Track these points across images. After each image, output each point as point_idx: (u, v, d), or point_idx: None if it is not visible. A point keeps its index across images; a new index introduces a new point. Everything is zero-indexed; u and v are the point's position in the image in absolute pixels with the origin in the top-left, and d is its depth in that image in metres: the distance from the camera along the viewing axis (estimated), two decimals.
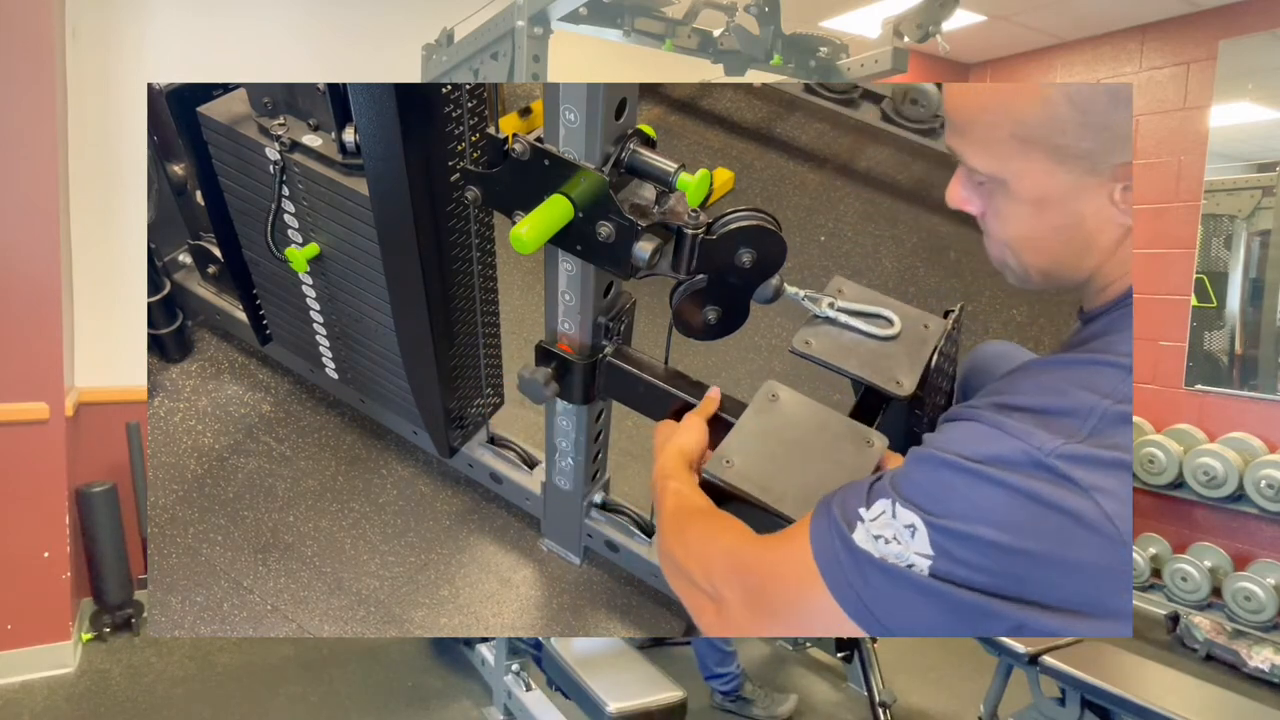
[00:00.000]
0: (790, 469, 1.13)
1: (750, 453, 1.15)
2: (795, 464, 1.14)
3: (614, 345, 1.64)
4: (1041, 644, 2.36)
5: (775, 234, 1.33)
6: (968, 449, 0.73)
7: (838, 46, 2.82)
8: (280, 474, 2.31)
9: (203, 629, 2.01)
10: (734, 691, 2.75)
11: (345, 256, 1.98)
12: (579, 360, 1.63)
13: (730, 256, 1.35)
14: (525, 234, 1.33)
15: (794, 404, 1.23)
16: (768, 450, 1.16)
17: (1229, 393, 3.60)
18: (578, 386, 1.65)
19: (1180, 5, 3.68)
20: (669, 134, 3.65)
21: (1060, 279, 0.86)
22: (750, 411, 1.22)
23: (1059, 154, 0.74)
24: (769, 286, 1.39)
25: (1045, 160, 0.75)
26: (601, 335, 1.63)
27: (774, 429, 1.19)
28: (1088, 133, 0.72)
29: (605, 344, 1.63)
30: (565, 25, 2.36)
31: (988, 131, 0.78)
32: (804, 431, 1.19)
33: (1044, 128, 0.74)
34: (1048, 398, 0.73)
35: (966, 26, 4.02)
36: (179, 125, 2.01)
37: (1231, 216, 3.61)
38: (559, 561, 2.24)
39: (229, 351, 2.59)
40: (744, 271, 1.36)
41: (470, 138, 1.71)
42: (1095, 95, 0.70)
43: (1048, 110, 0.73)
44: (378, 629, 2.05)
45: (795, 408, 1.23)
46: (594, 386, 1.67)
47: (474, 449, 2.27)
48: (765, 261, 1.35)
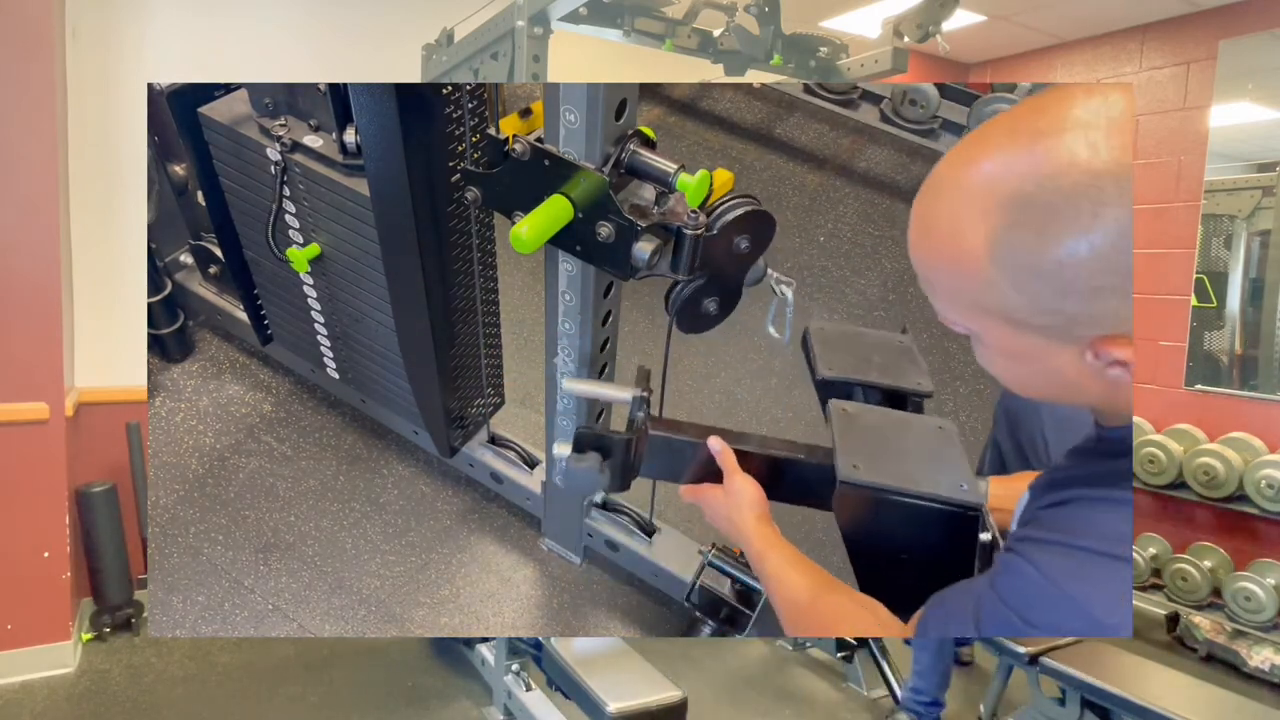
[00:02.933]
0: (905, 459, 1.21)
1: (866, 454, 1.21)
2: (904, 455, 1.22)
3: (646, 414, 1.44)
4: (1041, 644, 2.36)
5: (767, 214, 1.36)
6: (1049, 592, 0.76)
7: (838, 46, 2.83)
8: (281, 474, 2.32)
9: (203, 629, 2.02)
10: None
11: (346, 257, 1.98)
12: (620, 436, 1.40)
13: (730, 248, 1.37)
14: (525, 234, 1.33)
15: (866, 412, 1.32)
16: (878, 449, 1.23)
17: (1229, 393, 3.60)
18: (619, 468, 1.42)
19: (1180, 5, 3.68)
20: (669, 134, 3.66)
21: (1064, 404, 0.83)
22: (838, 425, 1.28)
23: (1017, 324, 0.71)
24: (757, 268, 1.41)
25: (1005, 326, 0.72)
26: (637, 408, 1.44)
27: (867, 432, 1.27)
28: (1041, 315, 0.68)
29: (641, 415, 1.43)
30: (565, 25, 2.36)
31: (948, 296, 0.75)
32: (890, 429, 1.28)
33: (996, 305, 0.71)
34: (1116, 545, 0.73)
35: (966, 26, 4.02)
36: (179, 125, 2.01)
37: (1231, 216, 3.61)
38: (559, 561, 2.24)
39: (230, 351, 2.59)
40: (742, 257, 1.38)
41: (470, 138, 1.71)
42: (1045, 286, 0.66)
43: (997, 293, 0.69)
44: (378, 628, 2.05)
45: (869, 414, 1.31)
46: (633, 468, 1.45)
47: (474, 449, 2.27)
48: (756, 244, 1.37)
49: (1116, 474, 0.77)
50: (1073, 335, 0.68)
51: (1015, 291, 0.68)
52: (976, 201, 0.67)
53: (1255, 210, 3.53)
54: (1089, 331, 0.68)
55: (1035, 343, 0.71)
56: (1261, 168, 3.53)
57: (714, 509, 1.28)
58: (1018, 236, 0.65)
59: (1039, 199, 0.63)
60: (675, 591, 2.09)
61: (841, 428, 1.27)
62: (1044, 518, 0.81)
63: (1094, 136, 0.62)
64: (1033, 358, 0.73)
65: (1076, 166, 0.62)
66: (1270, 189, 3.48)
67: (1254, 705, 2.23)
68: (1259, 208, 3.52)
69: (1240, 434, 3.48)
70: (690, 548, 2.10)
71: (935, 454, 1.22)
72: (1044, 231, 0.63)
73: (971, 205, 0.67)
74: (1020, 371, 0.77)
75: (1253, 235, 3.55)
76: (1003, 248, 0.66)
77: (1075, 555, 0.75)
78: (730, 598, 1.94)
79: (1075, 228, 0.62)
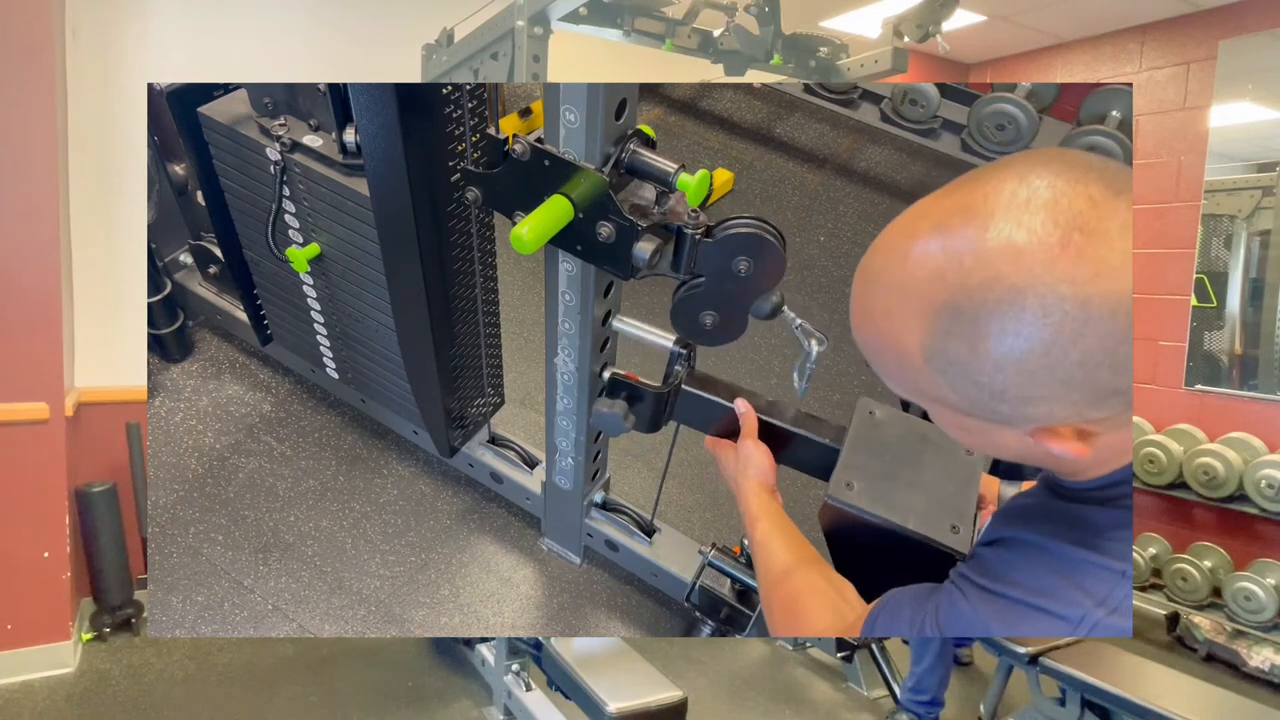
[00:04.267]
0: (908, 485, 1.17)
1: (868, 473, 1.18)
2: (911, 480, 1.18)
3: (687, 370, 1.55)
4: (1041, 644, 2.36)
5: (773, 246, 1.31)
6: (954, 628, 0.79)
7: (838, 46, 2.83)
8: (281, 474, 2.31)
9: (203, 629, 2.01)
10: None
11: (346, 257, 1.98)
12: (652, 390, 1.52)
13: (727, 262, 1.34)
14: (525, 234, 1.33)
15: (892, 419, 1.27)
16: (883, 469, 1.19)
17: (1229, 393, 3.60)
18: (648, 415, 1.55)
19: (1180, 5, 3.68)
20: (669, 134, 3.66)
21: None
22: (855, 431, 1.26)
23: (957, 410, 0.70)
24: (768, 302, 1.37)
25: (947, 411, 0.72)
26: (674, 362, 1.55)
27: (881, 447, 1.23)
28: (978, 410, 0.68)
29: (678, 369, 1.54)
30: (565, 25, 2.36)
31: (892, 379, 0.74)
32: (910, 446, 1.23)
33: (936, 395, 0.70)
34: (1040, 598, 0.72)
35: (966, 26, 4.02)
36: (179, 125, 2.01)
37: (1231, 216, 3.61)
38: (559, 561, 2.24)
39: (230, 351, 2.59)
40: (740, 280, 1.34)
41: (470, 138, 1.71)
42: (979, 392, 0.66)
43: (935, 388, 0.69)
44: (378, 628, 2.05)
45: (895, 423, 1.26)
46: (664, 414, 1.57)
47: (474, 449, 2.27)
48: (762, 272, 1.33)
49: (1063, 519, 0.75)
50: (1013, 426, 0.68)
51: (952, 391, 0.68)
52: (910, 304, 0.66)
53: (1255, 210, 3.53)
54: (1025, 426, 0.68)
55: (978, 425, 0.71)
56: (1261, 168, 3.53)
57: (726, 467, 1.35)
58: (950, 345, 0.64)
59: (967, 312, 0.62)
60: (675, 591, 2.09)
61: (857, 436, 1.24)
62: (984, 556, 0.81)
63: (1019, 243, 0.59)
64: (979, 434, 0.73)
65: (1000, 282, 0.60)
66: (1270, 189, 3.48)
67: (1254, 705, 2.23)
68: (1259, 208, 3.52)
69: (1240, 434, 3.48)
70: (690, 548, 2.10)
71: (944, 484, 1.17)
72: (973, 344, 0.63)
73: (905, 306, 0.66)
74: (969, 441, 0.77)
75: (1253, 235, 3.55)
76: (936, 355, 0.66)
77: (999, 602, 0.75)
78: (730, 598, 1.94)
79: (1001, 343, 0.61)
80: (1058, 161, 0.62)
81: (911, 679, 2.66)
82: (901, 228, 0.68)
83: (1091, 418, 0.65)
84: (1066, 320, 0.59)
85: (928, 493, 1.15)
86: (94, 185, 3.06)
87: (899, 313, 0.67)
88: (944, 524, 1.11)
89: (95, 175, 3.06)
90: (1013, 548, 0.78)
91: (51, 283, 2.70)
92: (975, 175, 0.65)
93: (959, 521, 1.12)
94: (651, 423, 1.55)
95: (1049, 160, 0.62)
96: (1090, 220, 0.58)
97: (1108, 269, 0.58)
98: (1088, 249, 0.58)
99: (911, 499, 1.14)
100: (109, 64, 3.04)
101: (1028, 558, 0.76)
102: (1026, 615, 0.72)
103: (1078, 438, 0.67)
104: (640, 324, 1.64)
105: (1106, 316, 0.58)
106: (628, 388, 1.52)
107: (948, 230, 0.63)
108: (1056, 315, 0.59)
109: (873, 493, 1.15)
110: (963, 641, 3.17)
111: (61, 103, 2.85)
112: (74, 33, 2.97)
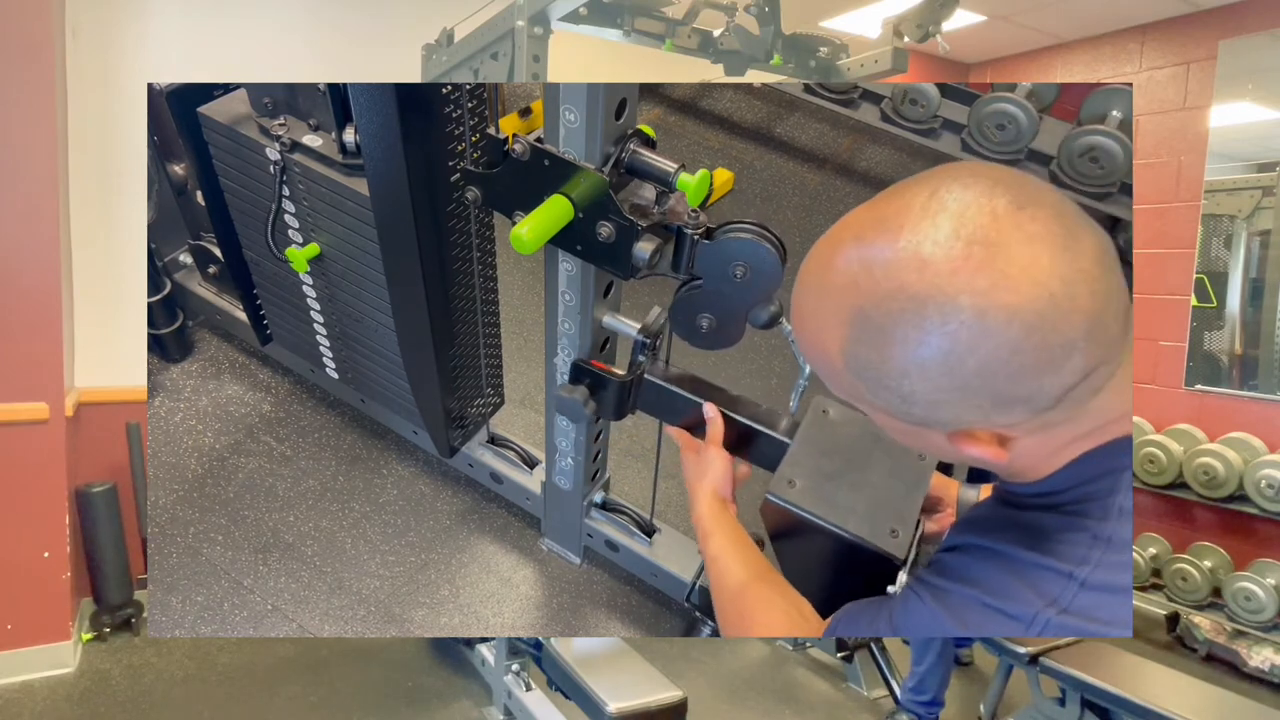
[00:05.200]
0: (851, 486, 1.15)
1: (811, 472, 1.16)
2: (855, 481, 1.16)
3: (651, 360, 1.59)
4: (1041, 644, 2.36)
5: (770, 253, 1.30)
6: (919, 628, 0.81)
7: (838, 46, 2.83)
8: (281, 474, 2.31)
9: (203, 629, 2.01)
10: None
11: (345, 257, 1.98)
12: (616, 378, 1.57)
13: (724, 265, 1.33)
14: (525, 234, 1.33)
15: (846, 419, 1.25)
16: (828, 468, 1.17)
17: (1229, 393, 3.60)
18: (612, 403, 1.60)
19: (1180, 5, 3.68)
20: (669, 134, 3.65)
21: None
22: (805, 429, 1.24)
23: (883, 412, 0.73)
24: (765, 311, 1.36)
25: (876, 412, 0.74)
26: (640, 351, 1.58)
27: (830, 446, 1.21)
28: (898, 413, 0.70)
29: (642, 359, 1.57)
30: (565, 25, 2.36)
31: (826, 380, 0.76)
32: (859, 447, 1.21)
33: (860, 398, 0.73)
34: (992, 597, 0.74)
35: (966, 26, 4.02)
36: (179, 125, 2.01)
37: (1231, 216, 3.61)
38: (559, 561, 2.24)
39: (229, 351, 2.59)
40: (736, 285, 1.34)
41: (470, 138, 1.71)
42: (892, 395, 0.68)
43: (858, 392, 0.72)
44: (378, 629, 2.05)
45: (848, 423, 1.25)
46: (628, 403, 1.62)
47: (474, 449, 2.27)
48: (758, 280, 1.32)
49: (1013, 525, 0.77)
50: (929, 427, 0.71)
51: (869, 394, 0.70)
52: (830, 309, 0.69)
53: (1255, 210, 3.53)
54: (942, 429, 0.70)
55: (906, 428, 0.74)
56: (1261, 168, 3.53)
57: (686, 468, 1.36)
58: (861, 350, 0.67)
59: (875, 318, 0.65)
60: (675, 591, 2.09)
61: (807, 434, 1.22)
62: (942, 561, 0.84)
63: (925, 254, 0.62)
64: (910, 435, 0.76)
65: (904, 291, 0.63)
66: (1270, 189, 3.48)
67: (1254, 705, 2.23)
68: (1259, 208, 3.52)
69: (1240, 434, 3.48)
70: (690, 548, 2.10)
71: (890, 487, 1.15)
72: (881, 349, 0.66)
73: (826, 311, 0.69)
74: (906, 441, 0.80)
75: (1253, 235, 3.55)
76: (852, 359, 0.69)
77: (953, 600, 0.77)
78: None
79: (905, 349, 0.64)
80: (968, 176, 0.65)
81: (912, 679, 2.66)
82: (829, 237, 0.71)
83: (999, 424, 0.68)
84: (963, 329, 0.62)
85: (871, 495, 1.14)
86: (94, 185, 3.06)
87: (822, 317, 0.70)
88: (884, 527, 1.10)
89: (95, 175, 3.06)
90: (969, 552, 0.81)
91: (51, 283, 2.70)
92: (896, 188, 0.68)
93: (899, 525, 1.11)
94: (616, 411, 1.60)
95: (960, 174, 0.65)
96: (991, 233, 0.61)
97: (1006, 281, 0.60)
98: (987, 261, 0.61)
99: (854, 500, 1.13)
100: (109, 64, 3.04)
101: (983, 560, 0.78)
102: (980, 613, 0.75)
103: (995, 442, 0.71)
104: (612, 314, 1.67)
105: (1002, 326, 0.61)
106: (591, 375, 1.58)
107: (864, 241, 0.66)
108: (954, 324, 0.62)
109: (815, 492, 1.14)
110: (963, 642, 3.17)
111: (61, 103, 2.85)
112: (74, 33, 2.97)
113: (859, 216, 0.69)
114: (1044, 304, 0.60)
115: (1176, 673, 2.34)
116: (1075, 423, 0.70)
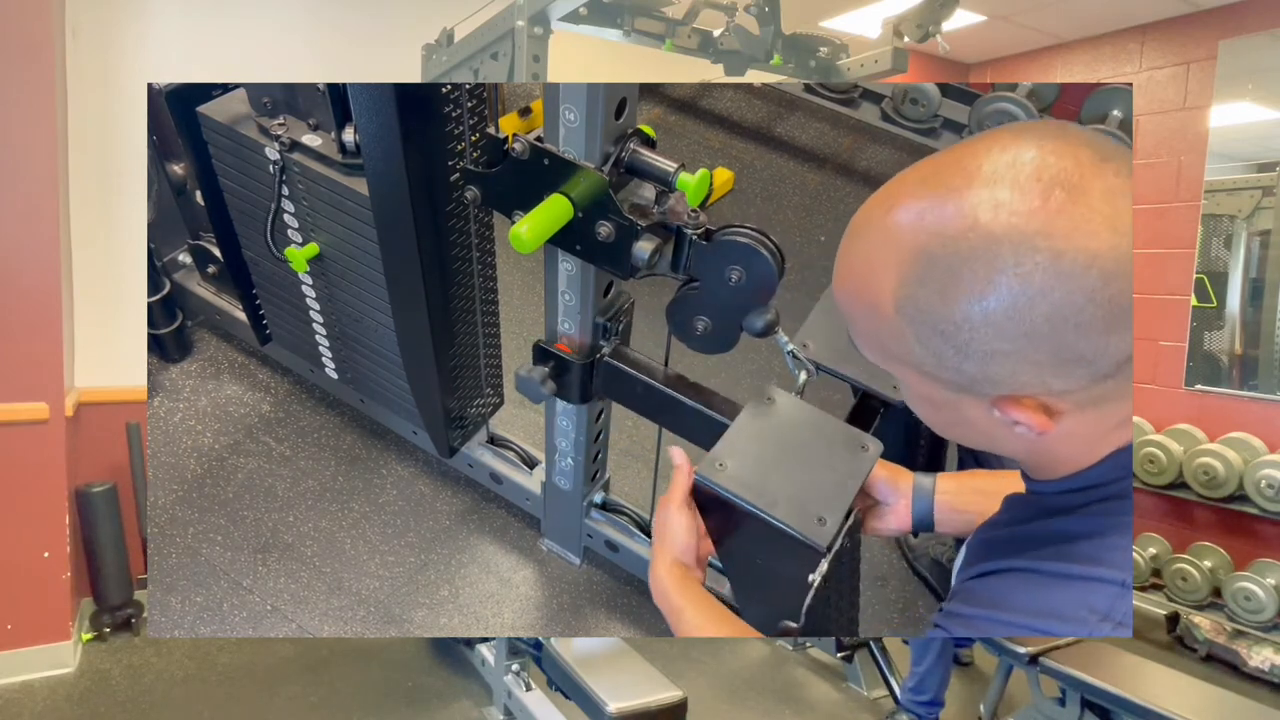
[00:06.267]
0: (784, 473, 1.12)
1: (744, 456, 1.13)
2: (789, 468, 1.13)
3: (612, 345, 1.63)
4: (1041, 644, 2.36)
5: (766, 260, 1.29)
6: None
7: (838, 46, 2.83)
8: (280, 474, 2.31)
9: (203, 629, 2.01)
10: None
11: (345, 256, 1.98)
12: (576, 360, 1.62)
13: (720, 268, 1.33)
14: (525, 234, 1.33)
15: (789, 407, 1.22)
16: (761, 453, 1.14)
17: (1229, 393, 3.60)
18: (575, 386, 1.65)
19: (1180, 5, 3.68)
20: (669, 134, 3.65)
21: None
22: (745, 414, 1.21)
23: (924, 374, 0.70)
24: (761, 318, 1.34)
25: (915, 374, 0.71)
26: (600, 335, 1.62)
27: (768, 432, 1.18)
28: (944, 370, 0.67)
29: (603, 344, 1.62)
30: (565, 25, 2.36)
31: (864, 338, 0.73)
32: (799, 435, 1.18)
33: (905, 354, 0.69)
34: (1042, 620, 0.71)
35: (966, 26, 4.02)
36: (179, 125, 2.01)
37: (1231, 216, 3.61)
38: (559, 561, 2.24)
39: (229, 351, 2.59)
40: (732, 289, 1.33)
41: (470, 138, 1.71)
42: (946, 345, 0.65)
43: (904, 344, 0.68)
44: (378, 629, 2.05)
45: (790, 411, 1.21)
46: (591, 386, 1.66)
47: (474, 449, 2.27)
48: (753, 285, 1.32)
49: (1047, 537, 0.74)
50: (977, 391, 0.68)
51: (919, 345, 0.67)
52: (888, 251, 0.66)
53: (1255, 210, 3.53)
54: (990, 391, 0.67)
55: (945, 394, 0.70)
56: (1261, 168, 3.53)
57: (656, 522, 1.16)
58: (921, 293, 0.64)
59: (941, 259, 0.62)
60: None
61: (746, 418, 1.20)
62: (971, 590, 0.80)
63: (1000, 196, 0.60)
64: (946, 406, 0.72)
65: (976, 230, 0.60)
66: (1270, 189, 3.48)
67: (1254, 705, 2.23)
68: (1259, 208, 3.52)
69: (1240, 434, 3.48)
70: None
71: (824, 475, 1.13)
72: (944, 291, 0.63)
73: (883, 253, 0.66)
74: (937, 418, 0.76)
75: (1253, 235, 3.55)
76: (907, 302, 0.66)
77: (997, 629, 0.74)
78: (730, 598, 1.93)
79: (972, 291, 0.61)
80: (1050, 129, 0.63)
81: (912, 679, 2.66)
82: (892, 183, 0.69)
83: (1055, 388, 0.65)
84: (1037, 271, 0.59)
85: (802, 481, 1.11)
86: (94, 185, 3.06)
87: (877, 260, 0.67)
88: (810, 514, 1.08)
89: (95, 175, 3.06)
90: (1005, 577, 0.76)
91: (51, 283, 2.70)
92: (969, 140, 0.66)
93: (827, 514, 1.08)
94: (579, 394, 1.66)
95: (1041, 128, 0.63)
96: (1075, 178, 0.59)
97: (1088, 225, 0.58)
98: (1068, 205, 0.58)
99: (783, 485, 1.11)
100: (109, 64, 3.05)
101: (1022, 583, 0.74)
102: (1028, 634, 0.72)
103: (1043, 410, 0.67)
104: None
105: (1080, 271, 0.58)
106: (553, 357, 1.64)
107: (934, 182, 0.64)
108: (1029, 265, 0.59)
109: (743, 476, 1.11)
110: (963, 642, 3.17)
111: (61, 103, 2.85)
112: (74, 33, 2.97)
113: (928, 163, 0.67)
114: (1122, 254, 0.58)
115: (1176, 673, 2.34)
116: (1120, 404, 0.66)
